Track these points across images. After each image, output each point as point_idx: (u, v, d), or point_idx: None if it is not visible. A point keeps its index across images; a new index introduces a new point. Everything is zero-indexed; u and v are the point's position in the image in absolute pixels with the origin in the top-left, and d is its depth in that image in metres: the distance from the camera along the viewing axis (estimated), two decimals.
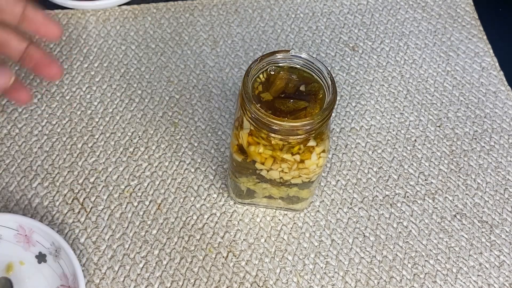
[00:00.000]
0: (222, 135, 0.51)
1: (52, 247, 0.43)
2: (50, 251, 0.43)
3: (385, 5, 0.61)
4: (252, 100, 0.37)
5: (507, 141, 0.53)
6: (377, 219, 0.47)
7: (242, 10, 0.60)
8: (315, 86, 0.39)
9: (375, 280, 0.45)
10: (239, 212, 0.47)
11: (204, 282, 0.44)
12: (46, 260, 0.43)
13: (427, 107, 0.54)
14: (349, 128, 0.52)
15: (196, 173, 0.49)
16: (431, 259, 0.46)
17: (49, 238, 0.43)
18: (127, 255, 0.44)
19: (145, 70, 0.55)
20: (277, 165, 0.40)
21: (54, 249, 0.43)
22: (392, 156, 0.51)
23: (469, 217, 0.48)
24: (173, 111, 0.52)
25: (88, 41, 0.56)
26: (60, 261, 0.42)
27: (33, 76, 0.53)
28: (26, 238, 0.43)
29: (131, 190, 0.48)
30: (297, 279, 0.44)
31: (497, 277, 0.45)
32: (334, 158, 0.50)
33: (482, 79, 0.56)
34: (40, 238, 0.43)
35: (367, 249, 0.46)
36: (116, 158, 0.49)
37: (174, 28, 0.58)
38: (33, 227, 0.43)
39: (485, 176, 0.50)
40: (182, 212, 0.47)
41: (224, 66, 0.55)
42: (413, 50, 0.58)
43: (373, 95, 0.55)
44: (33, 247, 0.43)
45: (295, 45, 0.57)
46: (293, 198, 0.45)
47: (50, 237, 0.43)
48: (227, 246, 0.45)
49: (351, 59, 0.57)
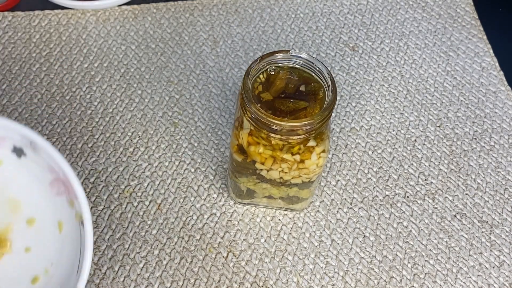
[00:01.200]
0: (222, 135, 0.51)
1: (25, 140, 0.37)
2: (24, 143, 0.37)
3: (385, 5, 0.61)
4: (252, 100, 0.37)
5: (507, 141, 0.53)
6: (377, 219, 0.47)
7: (242, 10, 0.60)
8: (315, 86, 0.39)
9: (375, 280, 0.45)
10: (239, 212, 0.47)
11: (204, 282, 0.44)
12: (26, 154, 0.38)
13: (427, 107, 0.54)
14: (349, 128, 0.52)
15: (196, 173, 0.49)
16: (431, 259, 0.46)
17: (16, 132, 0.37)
18: (127, 255, 0.44)
19: (145, 70, 0.55)
20: (277, 165, 0.40)
21: (28, 141, 0.37)
22: (392, 156, 0.51)
23: (469, 217, 0.48)
24: (173, 111, 0.52)
25: (88, 41, 0.56)
26: (41, 153, 0.37)
27: (33, 76, 0.53)
28: None
29: (131, 190, 0.48)
30: (297, 279, 0.44)
31: (497, 277, 0.45)
32: (334, 158, 0.50)
33: (482, 79, 0.56)
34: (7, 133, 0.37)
35: (367, 249, 0.46)
36: (116, 158, 0.49)
37: (174, 28, 0.58)
38: None
39: (485, 176, 0.50)
40: (182, 212, 0.47)
41: (224, 66, 0.55)
42: (413, 50, 0.58)
43: (373, 95, 0.55)
44: (4, 142, 0.38)
45: (295, 45, 0.57)
46: (293, 198, 0.45)
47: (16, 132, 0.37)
48: (227, 246, 0.45)
49: (351, 59, 0.57)
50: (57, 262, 0.37)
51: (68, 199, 0.37)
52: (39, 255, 0.37)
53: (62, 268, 0.37)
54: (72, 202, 0.37)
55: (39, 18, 0.57)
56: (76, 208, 0.37)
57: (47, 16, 0.57)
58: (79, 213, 0.36)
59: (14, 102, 0.51)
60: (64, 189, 0.38)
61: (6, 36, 0.56)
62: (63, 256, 0.38)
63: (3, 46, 0.55)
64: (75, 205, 0.37)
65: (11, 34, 0.56)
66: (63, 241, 0.38)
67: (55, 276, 0.37)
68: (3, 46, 0.55)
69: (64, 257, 0.38)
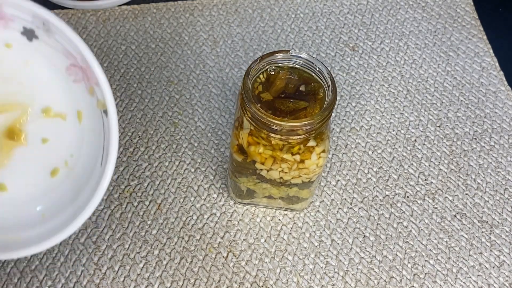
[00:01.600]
0: (222, 135, 0.51)
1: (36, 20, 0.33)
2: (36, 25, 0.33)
3: (385, 5, 0.61)
4: (252, 100, 0.37)
5: (507, 141, 0.53)
6: (377, 219, 0.47)
7: (242, 10, 0.60)
8: (315, 86, 0.39)
9: (375, 280, 0.45)
10: (239, 212, 0.47)
11: (204, 282, 0.44)
12: (38, 36, 0.34)
13: (427, 107, 0.54)
14: (349, 128, 0.52)
15: (196, 173, 0.49)
16: (431, 259, 0.46)
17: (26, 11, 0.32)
18: (127, 255, 0.44)
19: (145, 70, 0.55)
20: (277, 165, 0.40)
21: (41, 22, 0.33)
22: (392, 156, 0.51)
23: (469, 217, 0.48)
24: (173, 111, 0.52)
25: (88, 41, 0.56)
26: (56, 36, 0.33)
27: None
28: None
29: (131, 190, 0.48)
30: (297, 279, 0.44)
31: (497, 277, 0.45)
32: (334, 158, 0.50)
33: (482, 79, 0.56)
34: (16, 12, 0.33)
35: (367, 249, 0.46)
36: (116, 158, 0.49)
37: (174, 28, 0.58)
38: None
39: (485, 176, 0.50)
40: (182, 212, 0.47)
41: (224, 66, 0.55)
42: (413, 50, 0.58)
43: (373, 95, 0.55)
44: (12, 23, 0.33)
45: (295, 45, 0.57)
46: (293, 198, 0.45)
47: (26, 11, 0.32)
48: (227, 246, 0.45)
49: (351, 59, 0.57)
50: (78, 154, 0.35)
51: (87, 87, 0.34)
52: (57, 146, 0.35)
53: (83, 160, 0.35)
54: (92, 90, 0.33)
55: None
56: (97, 96, 0.33)
57: None
58: (101, 101, 0.33)
59: None
60: (82, 75, 0.34)
61: None
62: (83, 147, 0.35)
63: None
64: (96, 92, 0.33)
65: None
66: (83, 131, 0.35)
67: (76, 168, 0.35)
68: None
69: (85, 149, 0.35)
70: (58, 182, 0.35)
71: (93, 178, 0.34)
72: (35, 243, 0.33)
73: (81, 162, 0.35)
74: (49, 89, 0.35)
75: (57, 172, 0.35)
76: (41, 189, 0.35)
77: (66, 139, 0.35)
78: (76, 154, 0.35)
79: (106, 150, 0.33)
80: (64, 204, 0.34)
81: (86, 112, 0.35)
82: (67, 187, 0.35)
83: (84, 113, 0.35)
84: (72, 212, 0.33)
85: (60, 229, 0.33)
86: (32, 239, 0.34)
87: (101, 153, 0.34)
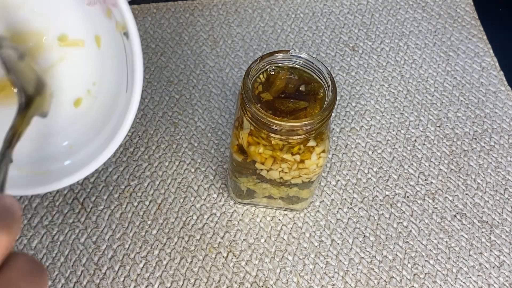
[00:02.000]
0: (222, 135, 0.51)
1: None
2: None
3: (385, 5, 0.61)
4: (252, 100, 0.37)
5: (507, 141, 0.53)
6: (377, 219, 0.47)
7: (242, 10, 0.60)
8: (315, 86, 0.39)
9: (375, 280, 0.45)
10: (239, 212, 0.47)
11: (204, 282, 0.44)
12: None
13: (427, 107, 0.54)
14: (349, 128, 0.52)
15: (196, 173, 0.49)
16: (431, 259, 0.46)
17: None
18: (127, 255, 0.44)
19: (145, 70, 0.55)
20: (277, 165, 0.40)
21: None
22: (392, 156, 0.51)
23: (469, 217, 0.48)
24: (173, 111, 0.52)
25: None
26: None
27: None
28: None
29: (131, 190, 0.48)
30: (297, 279, 0.44)
31: (497, 277, 0.45)
32: (334, 158, 0.50)
33: (482, 79, 0.56)
34: None
35: (367, 249, 0.46)
36: (116, 158, 0.49)
37: (174, 28, 0.58)
38: None
39: (485, 176, 0.50)
40: (182, 212, 0.47)
41: (224, 66, 0.55)
42: (413, 50, 0.58)
43: (373, 95, 0.55)
44: None
45: (295, 45, 0.57)
46: (293, 198, 0.45)
47: None
48: (227, 246, 0.45)
49: (351, 59, 0.57)
50: (100, 81, 0.34)
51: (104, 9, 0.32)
52: (77, 75, 0.33)
53: (107, 87, 0.34)
54: (110, 12, 0.32)
55: None
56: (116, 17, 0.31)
57: None
58: (120, 23, 0.31)
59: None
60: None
61: None
62: (105, 73, 0.34)
63: None
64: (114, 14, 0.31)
65: None
66: (103, 57, 0.33)
67: (100, 96, 0.33)
68: None
69: (107, 75, 0.34)
70: (83, 112, 0.33)
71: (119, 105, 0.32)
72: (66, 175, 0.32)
73: (105, 90, 0.33)
74: (63, 15, 0.33)
75: (81, 102, 0.34)
76: (66, 121, 0.33)
77: (86, 66, 0.33)
78: (98, 82, 0.34)
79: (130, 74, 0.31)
80: (91, 135, 0.32)
81: (105, 37, 0.33)
82: (92, 117, 0.33)
83: (103, 38, 0.33)
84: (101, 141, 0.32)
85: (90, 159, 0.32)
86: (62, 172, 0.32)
87: (125, 79, 0.32)
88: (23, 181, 0.33)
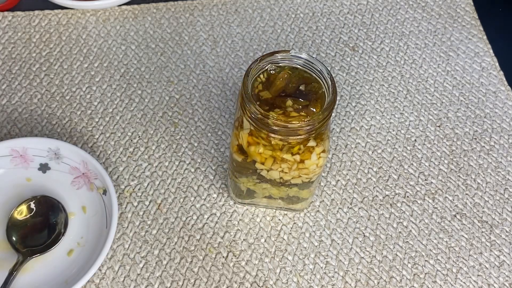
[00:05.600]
0: (222, 135, 0.51)
1: (50, 153, 0.46)
2: (49, 157, 0.46)
3: (385, 5, 0.61)
4: (252, 100, 0.37)
5: (507, 141, 0.53)
6: (377, 219, 0.47)
7: (242, 10, 0.60)
8: (315, 86, 0.39)
9: (375, 280, 0.44)
10: (239, 212, 0.47)
11: (204, 282, 0.44)
12: (50, 167, 0.47)
13: (427, 107, 0.54)
14: (349, 128, 0.52)
15: (196, 173, 0.49)
16: (431, 259, 0.46)
17: (44, 145, 0.46)
18: (127, 255, 0.44)
19: (145, 70, 0.55)
20: (277, 165, 0.40)
21: (53, 153, 0.46)
22: (392, 156, 0.51)
23: (469, 217, 0.48)
24: (173, 111, 0.52)
25: (88, 41, 0.56)
26: (64, 159, 0.46)
27: (33, 76, 0.53)
28: (22, 158, 0.46)
29: (131, 190, 0.48)
30: (297, 279, 0.44)
31: (497, 277, 0.45)
32: (334, 158, 0.50)
33: (482, 79, 0.56)
34: (36, 151, 0.46)
35: (367, 249, 0.46)
36: (116, 158, 0.49)
37: (174, 28, 0.58)
38: (25, 145, 0.46)
39: (485, 176, 0.50)
40: (182, 212, 0.47)
41: (224, 66, 0.55)
42: (413, 50, 0.58)
43: (373, 95, 0.55)
44: (32, 163, 0.46)
45: (295, 45, 0.57)
46: (293, 198, 0.45)
47: (44, 144, 0.46)
48: (227, 246, 0.45)
49: (351, 59, 0.57)
50: (86, 234, 0.44)
51: (88, 187, 0.46)
52: (69, 236, 0.44)
53: (91, 236, 0.44)
54: (92, 186, 0.45)
55: (39, 18, 0.57)
56: (96, 186, 0.45)
57: (47, 16, 0.57)
58: (101, 188, 0.45)
59: (14, 102, 0.51)
60: (83, 182, 0.46)
61: (6, 36, 0.56)
62: (90, 228, 0.45)
63: (3, 46, 0.55)
64: (95, 185, 0.45)
65: (11, 34, 0.56)
66: (88, 217, 0.45)
67: (87, 244, 0.44)
68: (3, 46, 0.55)
69: (92, 229, 0.44)
70: (74, 258, 0.44)
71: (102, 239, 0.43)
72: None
73: (90, 238, 0.44)
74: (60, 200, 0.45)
75: (72, 252, 0.44)
76: (61, 268, 0.43)
77: (76, 228, 0.45)
78: (85, 235, 0.44)
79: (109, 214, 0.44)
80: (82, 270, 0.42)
81: (89, 204, 0.45)
82: (82, 259, 0.43)
83: (88, 206, 0.45)
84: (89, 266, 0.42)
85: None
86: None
87: (104, 221, 0.44)
88: None
